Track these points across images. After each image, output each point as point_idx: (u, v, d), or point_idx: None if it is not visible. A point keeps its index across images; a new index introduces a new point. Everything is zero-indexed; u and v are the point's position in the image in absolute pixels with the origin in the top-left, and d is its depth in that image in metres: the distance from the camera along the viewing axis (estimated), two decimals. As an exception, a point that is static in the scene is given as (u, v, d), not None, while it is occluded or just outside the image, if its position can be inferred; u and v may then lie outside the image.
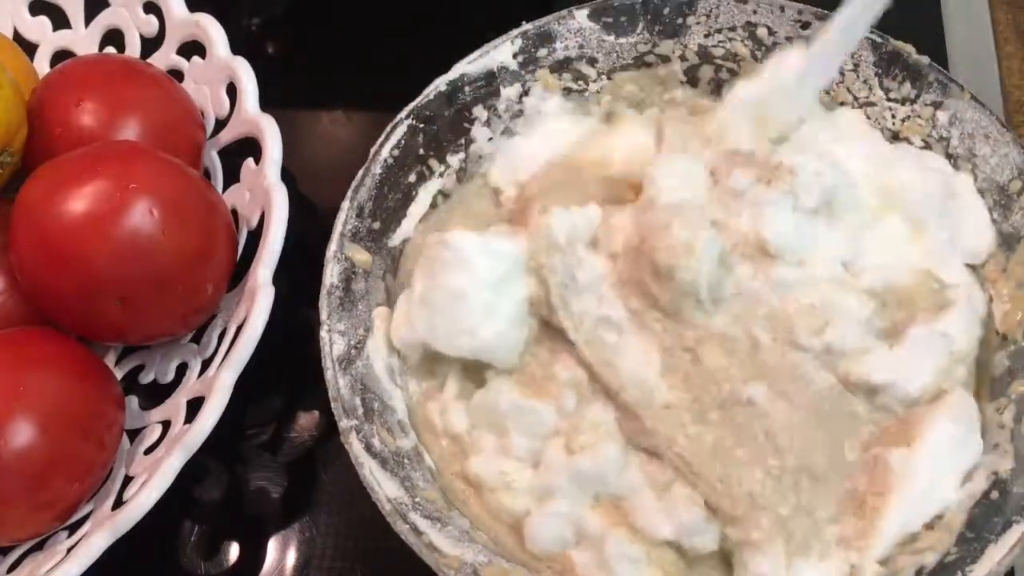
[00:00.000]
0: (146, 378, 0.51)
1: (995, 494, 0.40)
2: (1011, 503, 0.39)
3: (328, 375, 0.44)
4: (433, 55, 0.51)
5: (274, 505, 0.50)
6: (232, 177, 0.54)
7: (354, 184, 0.48)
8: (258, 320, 0.46)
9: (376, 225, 0.48)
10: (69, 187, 0.45)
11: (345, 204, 0.47)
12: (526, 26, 0.52)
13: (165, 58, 0.58)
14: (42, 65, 0.61)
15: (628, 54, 0.52)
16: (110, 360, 0.52)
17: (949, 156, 0.48)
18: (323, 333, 0.45)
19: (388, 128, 0.49)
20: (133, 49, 0.59)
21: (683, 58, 0.52)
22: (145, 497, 0.42)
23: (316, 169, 0.62)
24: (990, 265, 0.46)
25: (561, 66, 0.52)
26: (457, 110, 0.51)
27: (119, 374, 0.52)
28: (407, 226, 0.50)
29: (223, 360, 0.46)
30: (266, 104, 0.53)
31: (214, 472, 0.51)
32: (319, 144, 0.64)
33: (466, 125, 0.52)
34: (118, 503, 0.46)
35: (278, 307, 0.46)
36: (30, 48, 0.61)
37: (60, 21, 0.61)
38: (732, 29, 0.51)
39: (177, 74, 0.57)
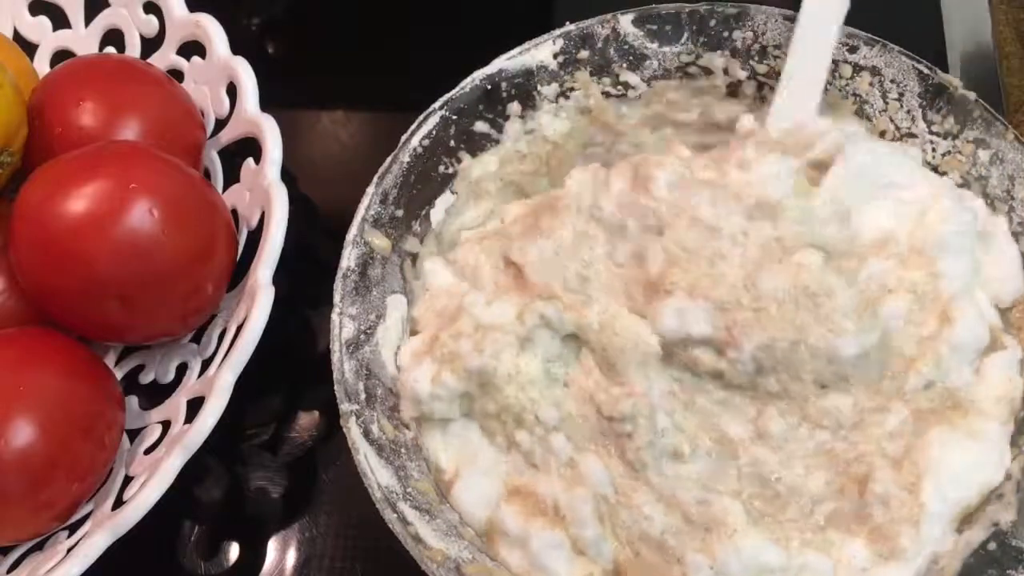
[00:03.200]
0: (146, 378, 0.51)
1: (993, 545, 0.39)
2: (1008, 556, 0.39)
3: (335, 358, 0.43)
4: (433, 55, 0.51)
5: (274, 505, 0.50)
6: (232, 177, 0.54)
7: (381, 170, 0.48)
8: (258, 320, 0.46)
9: (399, 213, 0.48)
10: (69, 187, 0.45)
11: (370, 189, 0.47)
12: (569, 27, 0.51)
13: (165, 58, 0.58)
14: (42, 65, 0.60)
15: (671, 63, 0.52)
16: (110, 360, 0.52)
17: (986, 196, 0.47)
18: (334, 315, 0.44)
19: (421, 117, 0.49)
20: (133, 49, 0.59)
21: (726, 72, 0.52)
22: (145, 497, 0.42)
23: (316, 169, 0.62)
24: (1016, 311, 0.45)
25: (601, 69, 0.52)
26: (491, 105, 0.51)
27: (119, 374, 0.52)
28: (433, 217, 0.50)
29: (223, 360, 0.46)
30: (266, 104, 0.53)
31: (214, 472, 0.51)
32: (319, 144, 0.64)
33: (500, 121, 0.51)
34: (118, 503, 0.46)
35: (278, 307, 0.46)
36: (30, 48, 0.61)
37: (60, 21, 0.61)
38: (778, 47, 0.50)
39: (177, 74, 0.57)
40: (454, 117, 0.50)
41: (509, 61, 0.51)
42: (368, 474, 0.41)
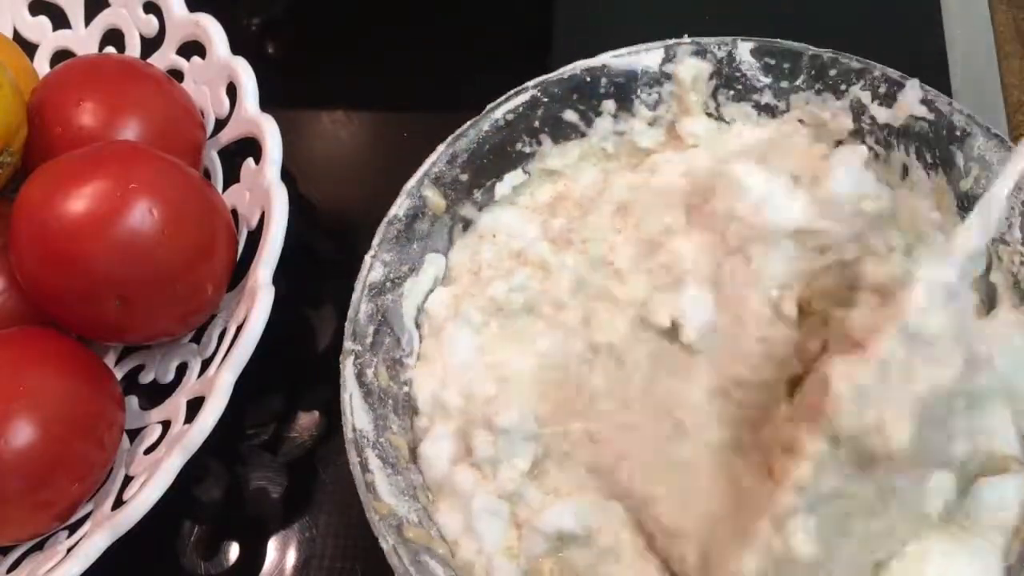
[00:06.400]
0: (146, 378, 0.51)
1: None
2: None
3: (354, 296, 0.44)
4: (433, 55, 0.51)
5: (274, 505, 0.50)
6: (232, 177, 0.54)
7: (457, 132, 0.47)
8: (258, 320, 0.46)
9: (463, 177, 0.48)
10: (69, 187, 0.45)
11: (441, 147, 0.47)
12: (685, 39, 0.49)
13: (165, 58, 0.58)
14: (42, 65, 0.61)
15: (780, 100, 0.49)
16: (110, 360, 0.52)
17: None
18: (367, 256, 0.45)
19: (512, 92, 0.48)
20: (133, 49, 0.59)
21: (829, 123, 0.48)
22: (145, 497, 0.42)
23: (316, 169, 0.62)
24: None
25: (708, 90, 0.50)
26: (586, 97, 0.50)
27: (119, 374, 0.51)
28: (498, 190, 0.49)
29: (223, 360, 0.46)
30: (266, 104, 0.53)
31: (214, 472, 0.51)
32: (319, 144, 0.64)
33: (591, 115, 0.50)
34: (118, 503, 0.46)
35: (278, 307, 0.46)
36: (30, 48, 0.61)
37: (60, 21, 0.61)
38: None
39: (177, 74, 0.57)
40: (545, 99, 0.49)
41: (615, 58, 0.49)
42: (347, 414, 0.41)
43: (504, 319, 0.47)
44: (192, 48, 0.57)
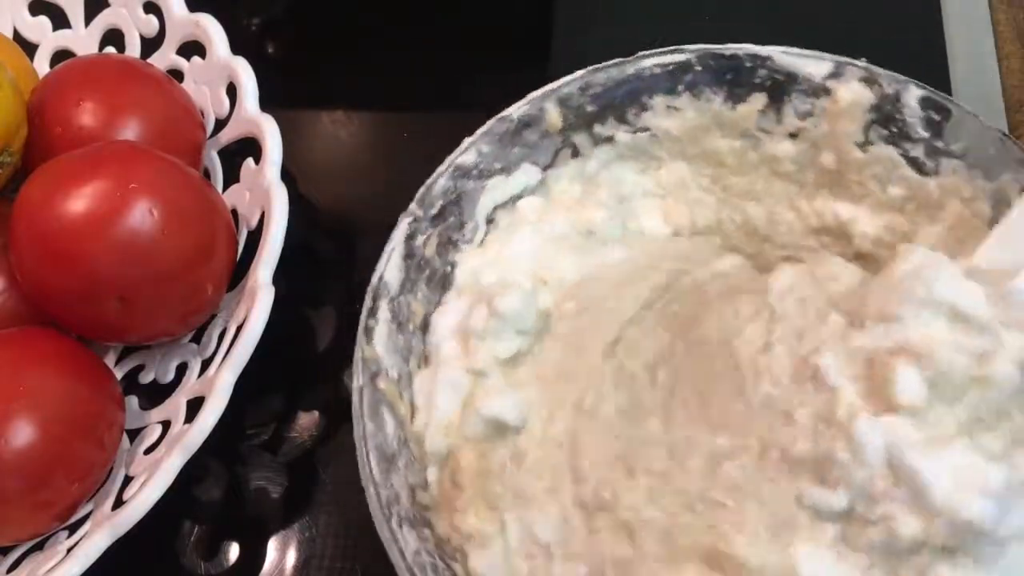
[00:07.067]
0: (146, 378, 0.51)
1: None
2: None
3: (441, 167, 0.44)
4: (433, 55, 0.51)
5: (274, 505, 0.50)
6: (232, 177, 0.54)
7: (598, 65, 0.46)
8: (258, 320, 0.46)
9: (590, 108, 0.47)
10: (69, 187, 0.45)
11: (579, 72, 0.46)
12: (860, 62, 0.45)
13: (165, 58, 0.58)
14: (42, 65, 0.60)
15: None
16: (110, 360, 0.52)
17: None
18: (466, 140, 0.45)
19: (668, 48, 0.46)
20: (133, 49, 0.59)
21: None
22: (145, 497, 0.42)
23: (316, 169, 0.62)
24: None
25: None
26: (740, 81, 0.47)
27: (119, 374, 0.51)
28: (619, 138, 0.48)
29: (223, 360, 0.46)
30: (266, 104, 0.53)
31: (214, 472, 0.51)
32: (319, 144, 0.64)
33: (735, 100, 0.47)
34: (118, 503, 0.46)
35: (278, 307, 0.46)
36: (30, 48, 0.60)
37: (60, 21, 0.61)
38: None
39: (177, 74, 0.57)
40: (699, 68, 0.46)
41: (783, 54, 0.46)
42: (382, 264, 0.42)
43: (588, 240, 0.46)
44: (192, 48, 0.57)
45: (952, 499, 0.33)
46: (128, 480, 0.47)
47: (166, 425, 0.48)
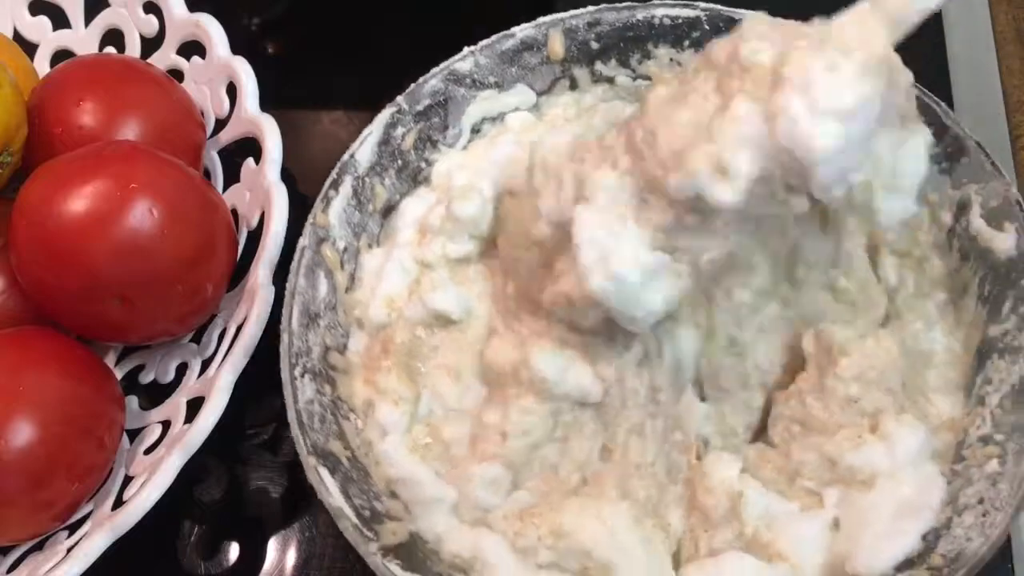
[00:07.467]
0: (146, 378, 0.51)
1: None
2: None
3: (431, 71, 0.47)
4: (434, 55, 0.51)
5: (274, 505, 0.50)
6: (232, 177, 0.54)
7: (610, 5, 0.48)
8: (258, 320, 0.46)
9: (594, 45, 0.48)
10: (69, 187, 0.45)
11: (588, 7, 0.48)
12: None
13: (165, 58, 0.58)
14: (42, 65, 0.60)
15: None
16: (110, 360, 0.52)
17: None
18: (465, 48, 0.47)
19: (683, 2, 0.47)
20: (133, 49, 0.59)
21: None
22: (145, 497, 0.42)
23: (316, 169, 0.62)
24: None
25: None
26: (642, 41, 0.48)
27: (119, 374, 0.51)
28: (619, 79, 0.49)
29: (223, 360, 0.46)
30: (266, 104, 0.53)
31: (214, 472, 0.51)
32: (319, 144, 0.64)
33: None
34: (118, 503, 0.46)
35: (278, 307, 0.46)
36: (30, 48, 0.60)
37: (60, 21, 0.61)
38: None
39: (177, 74, 0.57)
40: (707, 27, 0.47)
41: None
42: (356, 144, 0.45)
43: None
44: (192, 48, 0.57)
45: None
46: (128, 480, 0.47)
47: (166, 425, 0.48)
